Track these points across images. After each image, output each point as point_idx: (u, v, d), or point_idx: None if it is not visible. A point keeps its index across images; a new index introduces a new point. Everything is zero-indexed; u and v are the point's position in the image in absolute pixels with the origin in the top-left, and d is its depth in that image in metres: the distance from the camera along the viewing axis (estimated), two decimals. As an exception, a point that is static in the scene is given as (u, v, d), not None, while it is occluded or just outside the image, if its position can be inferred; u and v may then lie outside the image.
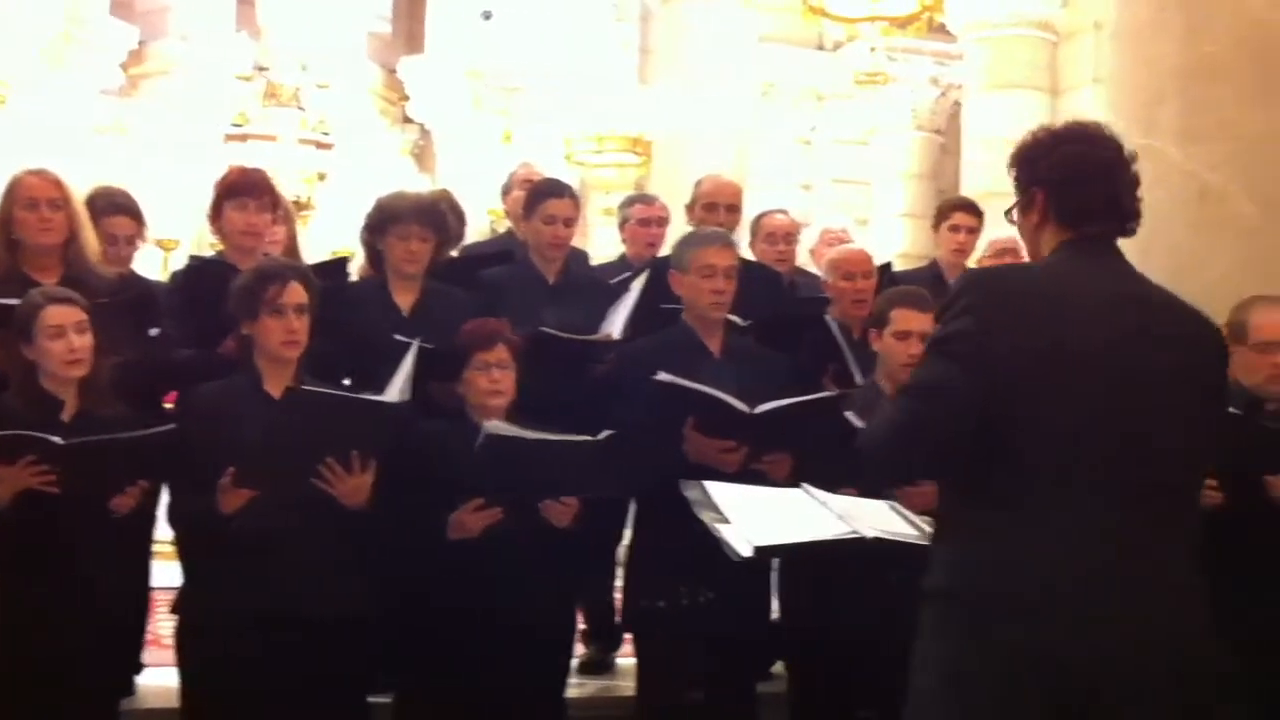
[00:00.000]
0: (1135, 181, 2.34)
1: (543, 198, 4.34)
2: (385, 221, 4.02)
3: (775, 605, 3.98)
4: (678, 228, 5.33)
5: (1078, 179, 2.30)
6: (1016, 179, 2.42)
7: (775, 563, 4.02)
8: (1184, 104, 4.77)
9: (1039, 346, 2.15)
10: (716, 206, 5.02)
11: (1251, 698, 3.18)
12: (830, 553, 2.76)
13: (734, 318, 3.97)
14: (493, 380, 3.50)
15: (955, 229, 5.35)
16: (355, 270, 4.69)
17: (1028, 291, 2.25)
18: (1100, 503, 2.13)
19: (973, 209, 5.46)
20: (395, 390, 3.37)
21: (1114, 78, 5.07)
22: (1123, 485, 2.14)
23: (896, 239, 12.59)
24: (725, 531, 2.64)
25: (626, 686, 4.10)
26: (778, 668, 4.50)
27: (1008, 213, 2.45)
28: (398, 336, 3.68)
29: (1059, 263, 2.32)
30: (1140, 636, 2.08)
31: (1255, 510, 3.45)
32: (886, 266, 5.37)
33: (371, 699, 3.52)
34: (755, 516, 2.70)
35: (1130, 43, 5.08)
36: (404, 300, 4.00)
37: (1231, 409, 3.11)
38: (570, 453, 3.31)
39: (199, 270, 4.11)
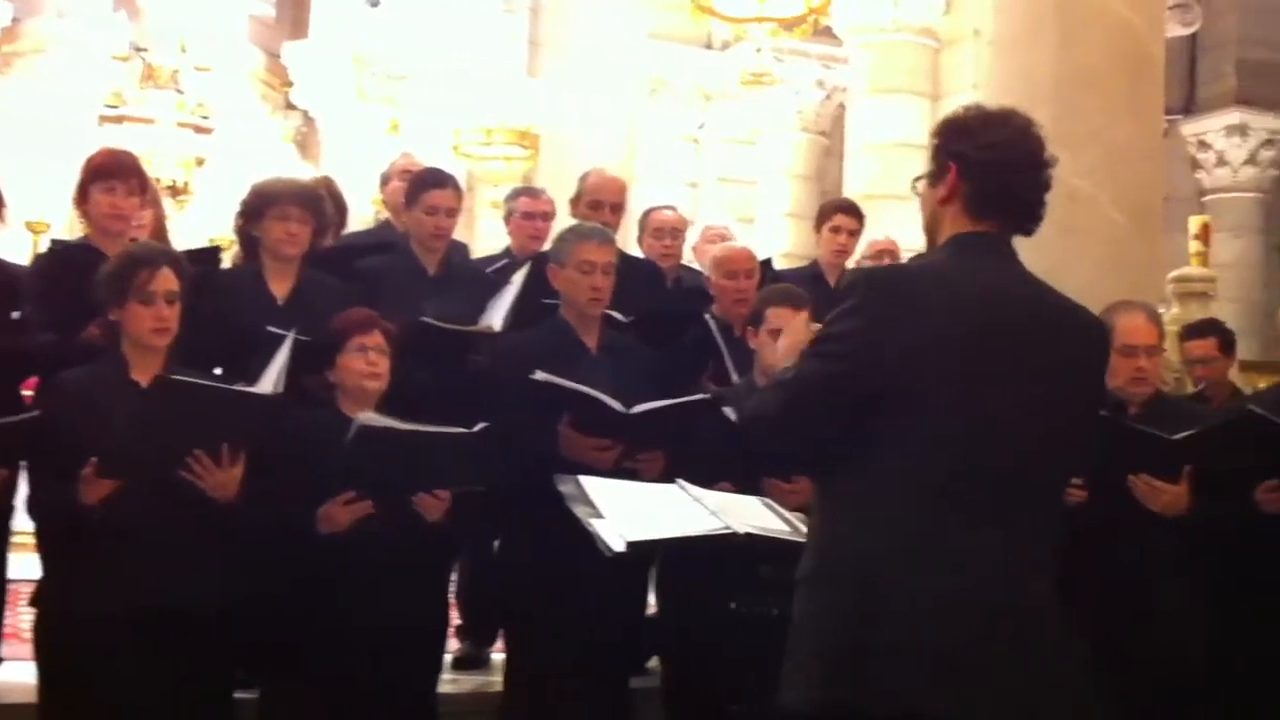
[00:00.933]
0: (1048, 184, 2.33)
1: (425, 188, 4.29)
2: (263, 205, 3.94)
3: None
4: (564, 222, 5.33)
5: (1000, 165, 2.27)
6: (936, 149, 2.37)
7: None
8: (1057, 111, 4.89)
9: (924, 345, 2.16)
10: (602, 205, 5.01)
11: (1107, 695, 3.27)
12: (703, 548, 2.77)
13: (614, 314, 3.97)
14: (370, 363, 3.45)
15: (836, 230, 5.42)
16: (230, 261, 4.60)
17: (915, 291, 2.25)
18: (975, 497, 2.16)
19: (854, 211, 5.53)
20: (268, 382, 3.30)
21: (991, 84, 5.19)
22: (999, 481, 2.17)
23: (781, 238, 12.71)
24: (599, 526, 2.64)
25: (501, 682, 4.07)
26: (653, 663, 4.53)
27: (915, 181, 2.42)
28: (271, 328, 3.60)
29: (947, 261, 2.31)
30: (1003, 628, 2.11)
31: (1118, 509, 3.54)
32: (767, 264, 5.42)
33: (238, 694, 3.45)
34: (629, 512, 2.71)
35: (1007, 51, 5.20)
36: (279, 288, 3.92)
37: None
38: (443, 445, 3.28)
39: (63, 254, 3.99)
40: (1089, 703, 2.25)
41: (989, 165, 2.27)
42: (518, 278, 4.23)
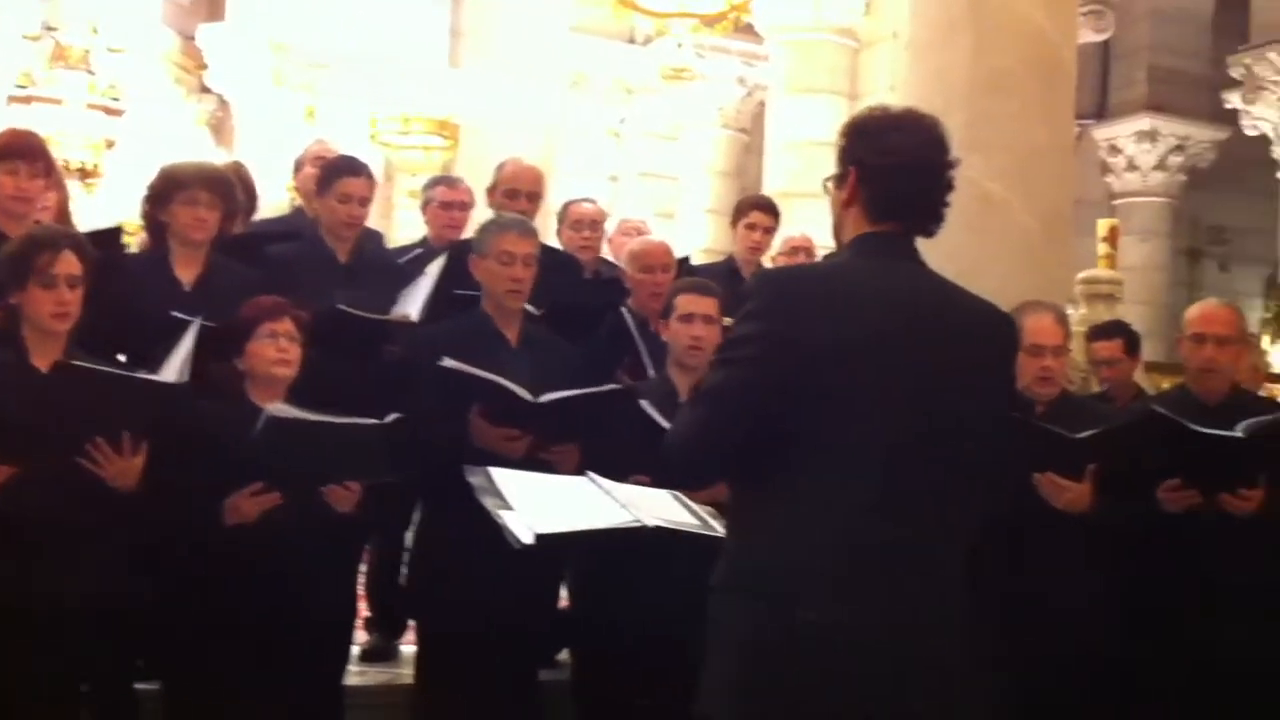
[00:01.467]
0: (949, 185, 2.33)
1: (338, 175, 4.24)
2: (171, 189, 3.86)
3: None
4: (482, 213, 5.29)
5: (896, 171, 2.28)
6: (840, 152, 2.37)
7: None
8: (970, 115, 4.95)
9: (828, 346, 2.16)
10: (518, 194, 4.98)
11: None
12: (612, 541, 2.76)
13: (528, 306, 3.95)
14: (280, 350, 3.41)
15: (752, 227, 5.45)
16: (137, 246, 4.50)
17: (818, 291, 2.26)
18: (882, 496, 2.17)
19: (770, 208, 5.56)
20: (172, 369, 3.24)
21: (906, 86, 5.24)
22: (905, 478, 2.18)
23: (701, 234, 12.77)
24: (508, 518, 2.63)
25: (410, 675, 4.04)
26: (564, 655, 4.52)
27: (825, 181, 2.42)
28: (177, 314, 3.54)
29: (851, 261, 2.33)
30: (916, 646, 2.13)
31: (1025, 507, 3.59)
32: (685, 261, 5.44)
33: (140, 686, 3.39)
34: (539, 504, 2.69)
35: (922, 53, 5.25)
36: (186, 274, 3.85)
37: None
38: (353, 436, 3.24)
39: (-38, 236, 3.88)
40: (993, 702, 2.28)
41: (886, 170, 2.27)
42: (433, 268, 4.19)
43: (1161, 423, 3.63)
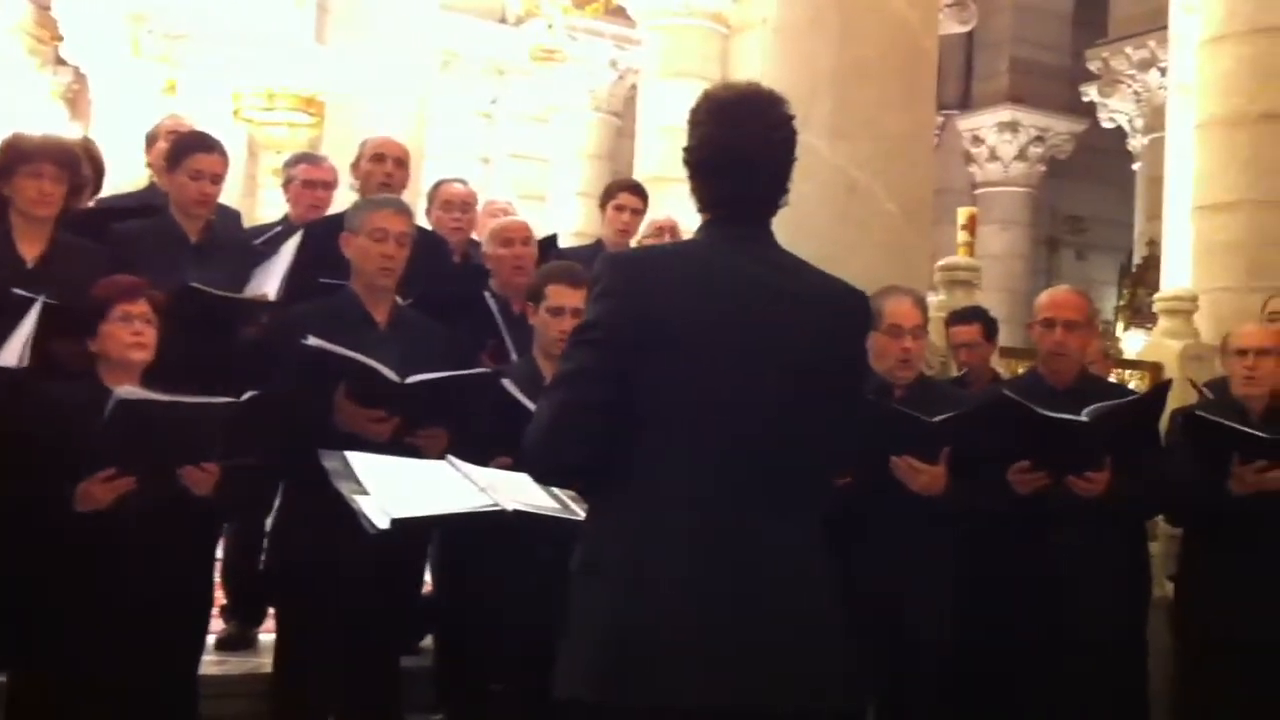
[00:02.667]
0: (781, 166, 2.31)
1: (189, 151, 4.11)
2: (13, 160, 3.72)
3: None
4: (346, 194, 5.20)
5: (712, 168, 2.29)
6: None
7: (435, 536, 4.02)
8: (835, 103, 5.01)
9: (671, 324, 2.17)
10: (384, 158, 4.90)
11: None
12: (472, 525, 2.74)
13: (395, 297, 3.88)
14: (135, 333, 3.30)
15: (620, 209, 5.45)
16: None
17: (664, 271, 2.27)
18: (731, 478, 2.18)
19: (638, 190, 5.57)
20: (12, 352, 3.12)
21: (773, 73, 5.26)
22: (754, 458, 2.19)
23: (573, 217, 12.75)
24: (363, 503, 2.59)
25: (269, 663, 3.96)
26: (427, 642, 4.49)
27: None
28: (19, 292, 3.40)
29: (700, 243, 2.34)
30: (764, 611, 2.14)
31: (882, 490, 3.65)
32: (552, 241, 5.41)
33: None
34: (395, 488, 2.65)
35: (788, 40, 5.28)
36: (29, 250, 3.71)
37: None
38: (209, 416, 3.16)
39: None
40: (854, 692, 2.30)
41: (702, 166, 2.30)
42: (289, 246, 4.10)
43: (1011, 406, 3.72)
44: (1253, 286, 6.27)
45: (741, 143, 2.27)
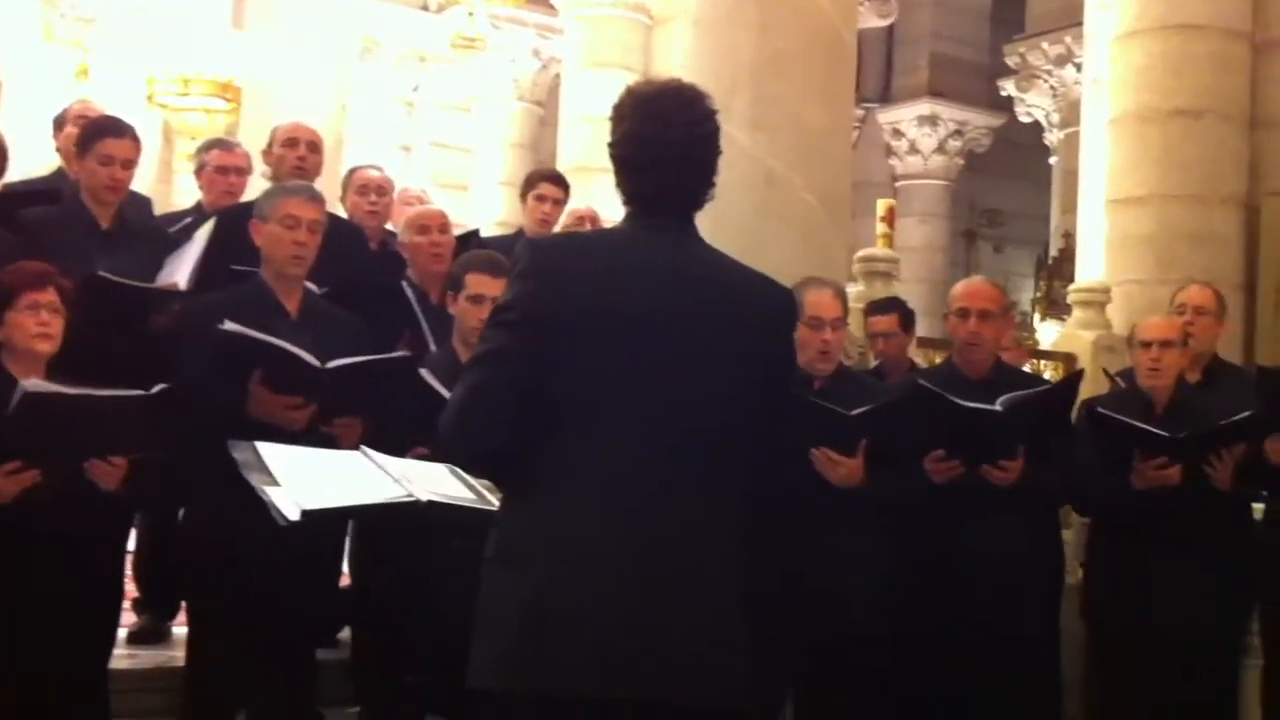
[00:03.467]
0: (706, 161, 2.30)
1: (99, 136, 4.02)
2: None
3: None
4: (259, 182, 5.13)
5: (636, 162, 2.29)
6: None
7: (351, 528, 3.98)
8: (755, 94, 5.04)
9: (589, 310, 2.17)
10: (297, 142, 4.84)
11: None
12: (386, 516, 2.71)
13: (311, 285, 3.83)
14: (42, 323, 3.24)
15: (541, 199, 5.43)
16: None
17: (584, 257, 2.27)
18: (644, 466, 2.17)
19: (559, 180, 5.55)
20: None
21: (694, 65, 5.28)
22: (668, 448, 2.18)
23: (495, 207, 12.67)
24: (273, 494, 2.55)
25: (182, 657, 3.91)
26: (345, 634, 4.45)
27: None
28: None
29: (620, 232, 2.34)
30: (671, 602, 2.13)
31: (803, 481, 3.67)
32: (474, 233, 5.38)
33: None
34: (307, 479, 2.62)
35: (709, 32, 5.30)
36: (-69, 238, 3.62)
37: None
38: (117, 409, 3.10)
39: None
40: (762, 690, 2.31)
41: (625, 161, 2.30)
42: (202, 234, 4.03)
43: (927, 396, 3.76)
44: (1163, 279, 6.40)
45: (667, 137, 2.26)
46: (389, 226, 5.23)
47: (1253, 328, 6.91)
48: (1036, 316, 14.18)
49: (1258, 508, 4.32)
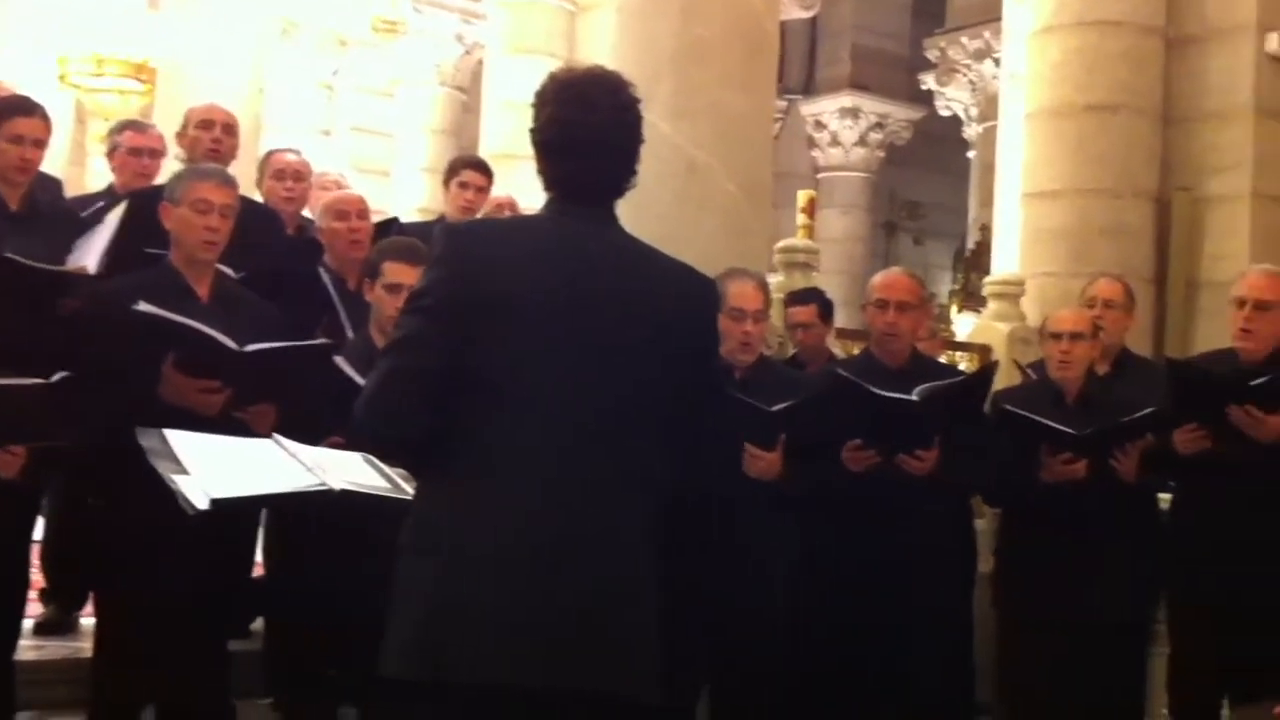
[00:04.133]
0: (629, 147, 2.30)
1: (8, 115, 3.91)
2: None
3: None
4: (177, 166, 5.03)
5: (559, 147, 2.27)
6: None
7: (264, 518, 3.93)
8: (677, 82, 5.04)
9: (504, 295, 2.16)
10: (212, 124, 4.75)
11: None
12: (298, 505, 2.68)
13: (226, 269, 3.77)
14: None
15: (464, 187, 5.38)
16: None
17: (501, 243, 2.26)
18: (558, 454, 2.15)
19: (482, 168, 5.50)
20: None
21: (616, 52, 5.26)
22: (584, 436, 2.17)
23: (417, 193, 12.56)
24: (182, 483, 2.50)
25: (90, 648, 3.84)
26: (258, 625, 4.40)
27: None
28: None
29: (540, 220, 2.32)
30: (581, 591, 2.12)
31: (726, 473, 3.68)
32: (394, 221, 5.33)
33: None
34: (217, 467, 2.57)
35: (632, 20, 5.29)
36: None
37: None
38: (15, 397, 3.02)
39: None
40: (674, 684, 2.30)
41: (549, 146, 2.28)
42: (113, 217, 3.94)
43: (845, 385, 3.80)
44: (1076, 271, 6.51)
45: (591, 121, 2.25)
46: (306, 212, 5.16)
47: (1163, 320, 7.06)
48: (954, 308, 14.36)
49: (1164, 498, 4.41)
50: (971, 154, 14.54)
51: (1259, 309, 4.10)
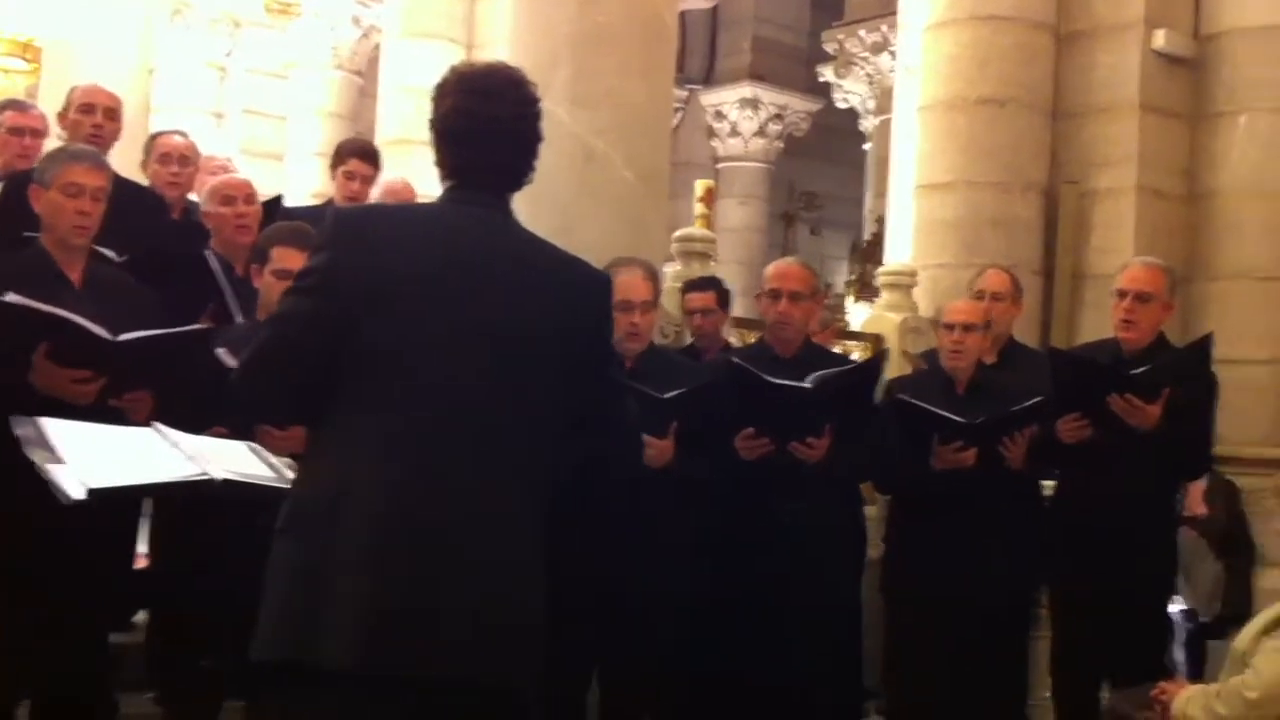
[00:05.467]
0: (530, 140, 2.33)
1: None
2: None
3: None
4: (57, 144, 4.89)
5: (460, 137, 2.29)
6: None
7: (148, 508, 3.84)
8: (575, 70, 5.01)
9: (389, 279, 2.16)
10: (94, 108, 4.63)
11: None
12: (178, 494, 2.62)
13: (107, 251, 3.67)
14: None
15: (350, 176, 5.31)
16: None
17: (390, 228, 2.27)
18: (439, 443, 2.14)
19: (368, 156, 5.42)
20: None
21: (515, 38, 5.23)
22: (465, 426, 2.16)
23: (311, 178, 12.33)
24: (57, 472, 2.43)
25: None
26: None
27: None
28: None
29: (432, 208, 2.35)
30: (457, 579, 2.10)
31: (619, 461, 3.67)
32: (278, 199, 5.23)
33: None
34: (95, 456, 2.51)
35: (530, 5, 5.26)
36: None
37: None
38: None
39: None
40: (555, 671, 2.29)
41: (451, 136, 2.30)
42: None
43: (738, 373, 3.82)
44: (967, 263, 6.61)
45: (493, 111, 2.28)
46: (192, 196, 5.05)
47: (1050, 311, 7.21)
48: (850, 298, 14.53)
49: (1048, 486, 4.51)
50: (868, 146, 14.70)
51: (1140, 300, 4.21)
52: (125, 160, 5.02)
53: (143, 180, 4.98)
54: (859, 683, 4.63)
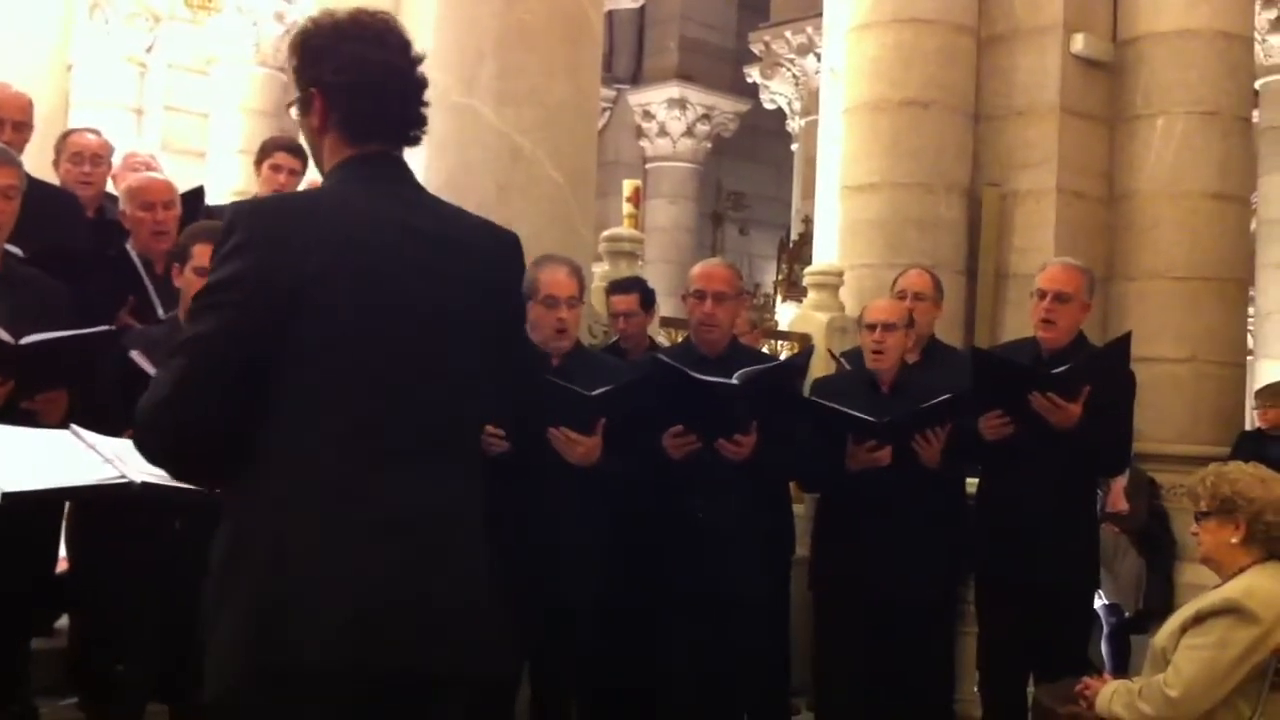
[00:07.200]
0: (421, 88, 2.20)
1: None
2: None
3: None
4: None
5: (362, 87, 2.13)
6: (296, 74, 2.20)
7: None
8: (500, 67, 4.97)
9: (315, 279, 2.01)
10: (2, 122, 4.53)
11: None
12: (96, 498, 2.57)
13: (13, 248, 3.59)
14: None
15: (277, 169, 5.24)
16: None
17: (304, 220, 2.08)
18: (382, 437, 2.04)
19: (294, 150, 5.35)
20: None
21: (439, 34, 5.17)
22: (407, 417, 2.07)
23: (233, 175, 12.16)
24: (-32, 477, 2.37)
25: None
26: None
27: (288, 107, 2.26)
28: None
29: (335, 189, 2.17)
30: (421, 574, 2.04)
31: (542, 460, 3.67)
32: (199, 195, 5.15)
33: None
34: (9, 459, 2.45)
35: (454, 0, 5.21)
36: None
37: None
38: None
39: None
40: (505, 656, 2.25)
41: (351, 88, 2.14)
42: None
43: (665, 371, 3.83)
44: (892, 263, 6.67)
45: (388, 59, 2.15)
46: (110, 189, 4.94)
47: (973, 310, 7.30)
48: (778, 298, 14.61)
49: (971, 483, 4.57)
50: (795, 146, 14.80)
51: (1059, 300, 4.27)
52: (42, 160, 4.91)
53: (55, 180, 4.88)
54: (786, 680, 4.66)
